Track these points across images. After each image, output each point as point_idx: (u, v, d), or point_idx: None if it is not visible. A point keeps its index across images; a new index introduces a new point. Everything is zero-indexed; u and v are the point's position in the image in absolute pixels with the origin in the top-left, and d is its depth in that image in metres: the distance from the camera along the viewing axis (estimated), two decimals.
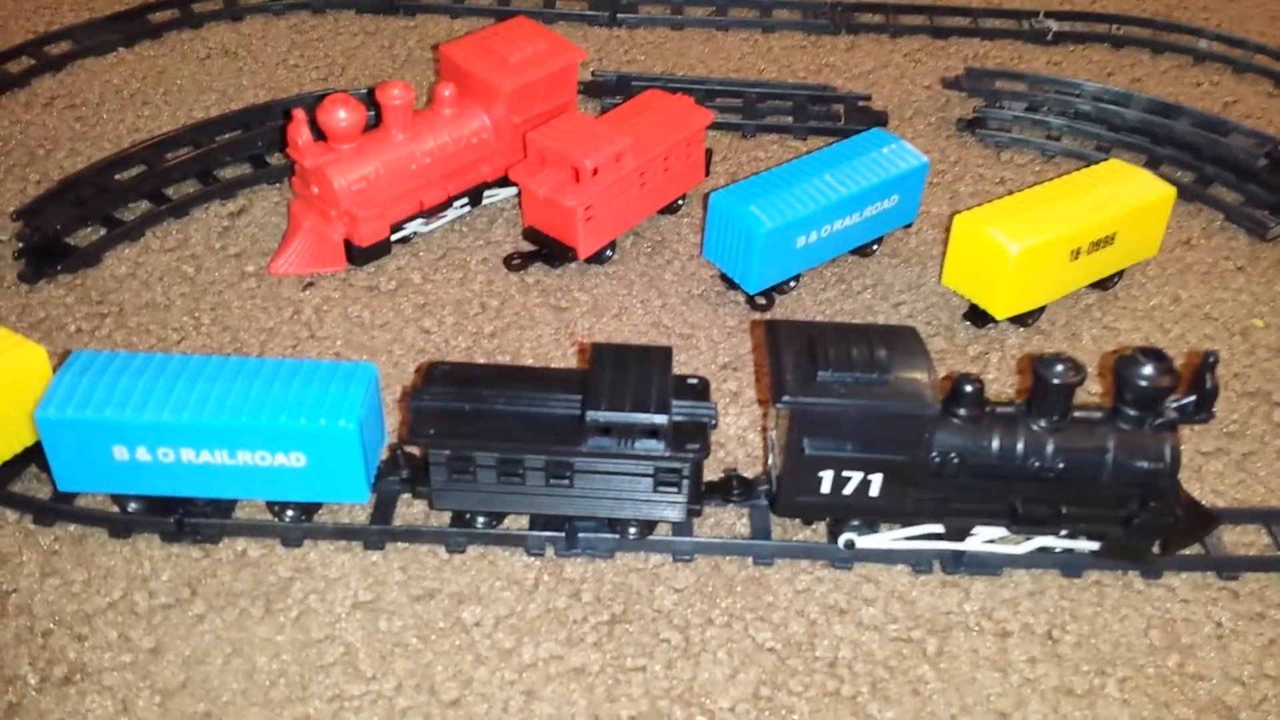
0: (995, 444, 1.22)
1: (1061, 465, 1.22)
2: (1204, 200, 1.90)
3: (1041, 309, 1.65)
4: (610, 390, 1.23)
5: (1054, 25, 2.32)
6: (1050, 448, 1.22)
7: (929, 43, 2.30)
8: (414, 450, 1.33)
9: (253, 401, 1.23)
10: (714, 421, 1.26)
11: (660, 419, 1.21)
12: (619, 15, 2.31)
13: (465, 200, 1.78)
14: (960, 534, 1.28)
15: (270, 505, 1.31)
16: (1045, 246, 1.55)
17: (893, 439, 1.21)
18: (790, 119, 2.04)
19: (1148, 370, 1.20)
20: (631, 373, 1.25)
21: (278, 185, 1.85)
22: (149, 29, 2.21)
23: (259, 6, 2.29)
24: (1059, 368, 1.20)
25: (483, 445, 1.23)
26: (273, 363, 1.28)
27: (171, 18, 2.25)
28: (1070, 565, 1.30)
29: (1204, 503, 1.35)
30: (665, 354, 1.28)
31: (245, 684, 1.18)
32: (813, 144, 1.99)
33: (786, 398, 1.19)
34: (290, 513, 1.31)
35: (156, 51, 2.18)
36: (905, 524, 1.29)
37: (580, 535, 1.31)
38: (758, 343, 1.60)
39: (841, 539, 1.30)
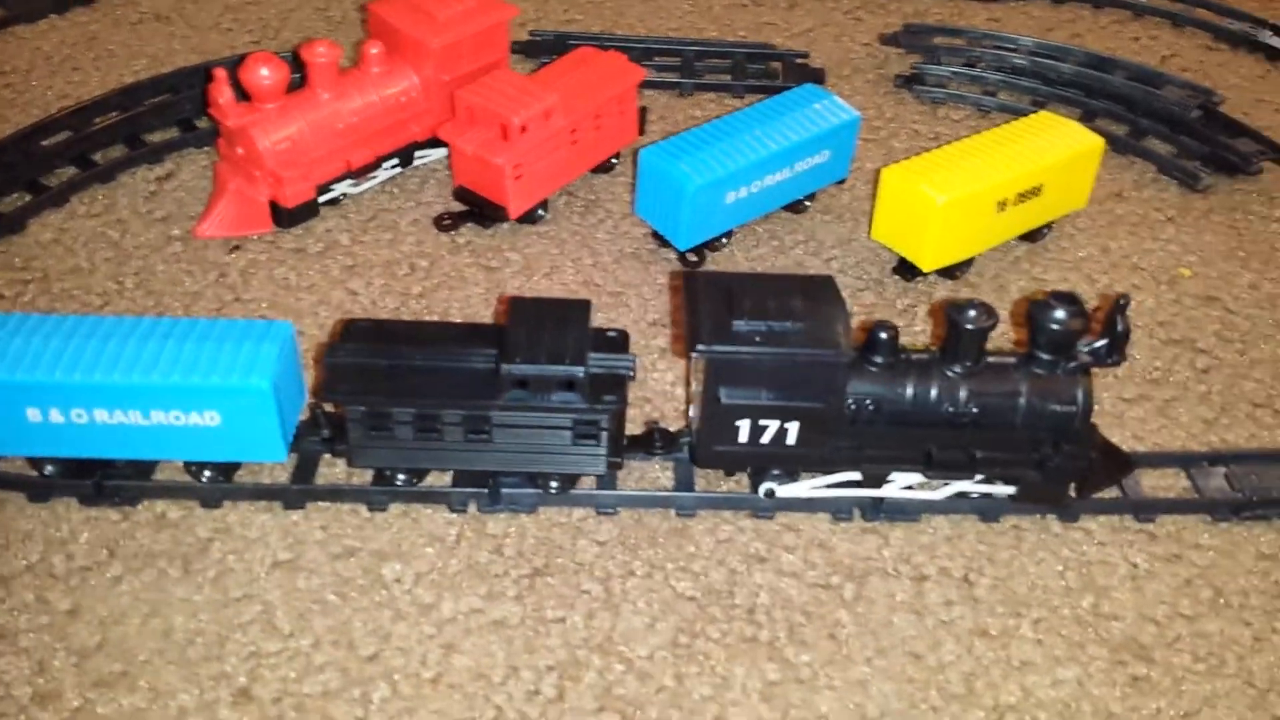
0: (909, 391, 1.22)
1: (975, 410, 1.23)
2: (1137, 153, 1.91)
3: (970, 261, 1.65)
4: (526, 343, 1.22)
5: None
6: (964, 393, 1.22)
7: (869, 0, 2.29)
8: (334, 409, 1.33)
9: (165, 360, 1.22)
10: (632, 373, 1.26)
11: (576, 371, 1.21)
12: None
13: (395, 161, 1.77)
14: (877, 481, 1.29)
15: (188, 466, 1.31)
16: (971, 197, 1.56)
17: (807, 387, 1.21)
18: (728, 77, 2.03)
19: (1059, 314, 1.20)
20: (548, 326, 1.24)
21: (206, 149, 1.84)
22: None
23: None
24: (971, 313, 1.21)
25: (399, 401, 1.23)
26: (187, 322, 1.27)
27: None
28: (988, 510, 1.31)
29: (1123, 448, 1.36)
30: (583, 306, 1.28)
31: (162, 643, 1.18)
32: (750, 102, 1.98)
33: (701, 346, 1.19)
34: (208, 473, 1.30)
35: (89, 17, 2.15)
36: (825, 472, 1.30)
37: (503, 491, 1.31)
38: (680, 301, 1.60)
39: (762, 488, 1.30)
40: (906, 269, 1.64)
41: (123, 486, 1.30)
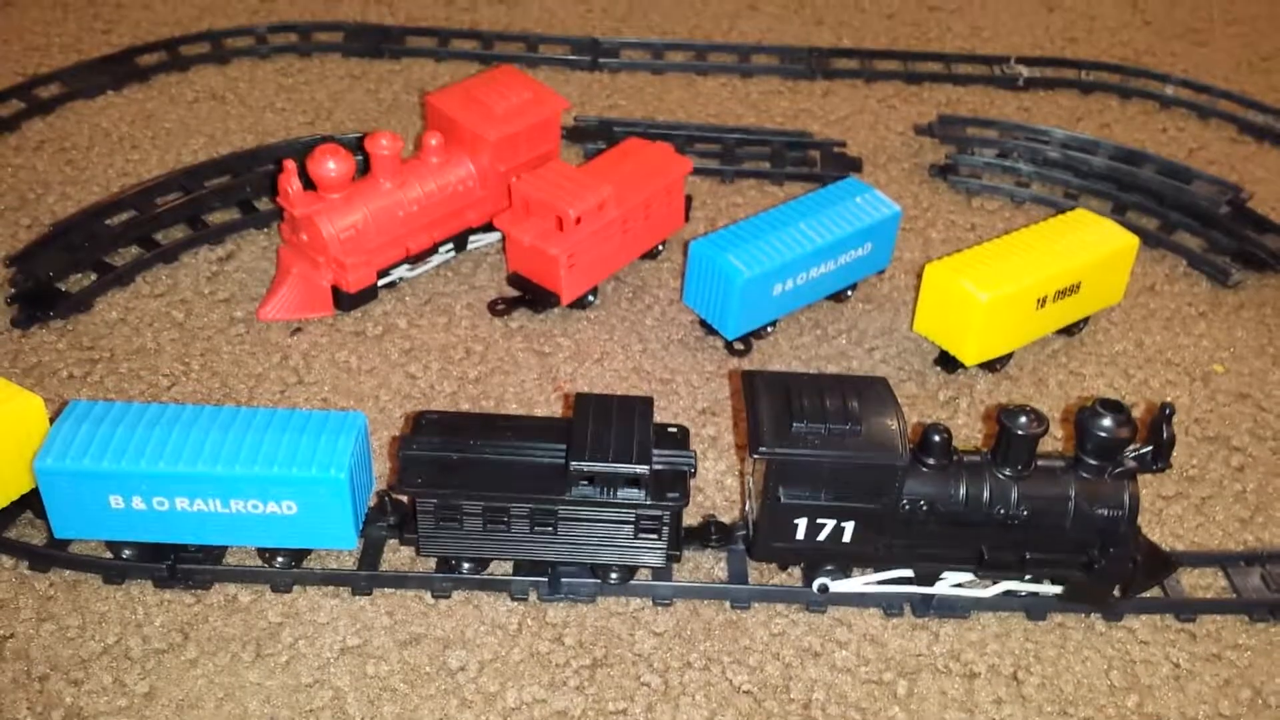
0: (962, 492, 1.27)
1: (1025, 513, 1.27)
2: (1168, 246, 1.96)
3: (1009, 355, 1.70)
4: (593, 440, 1.27)
5: (1024, 71, 2.39)
6: (1014, 496, 1.27)
7: (903, 88, 2.36)
8: (400, 497, 1.37)
9: (245, 451, 1.27)
10: (693, 470, 1.30)
11: (642, 469, 1.25)
12: (600, 60, 2.37)
13: (450, 246, 1.82)
14: (929, 578, 1.33)
15: (261, 552, 1.35)
16: (1013, 296, 1.61)
17: (864, 488, 1.25)
18: (768, 164, 2.09)
19: (1107, 422, 1.25)
20: (614, 422, 1.29)
21: (265, 230, 1.89)
22: (137, 72, 2.25)
23: (246, 50, 2.34)
24: (1023, 419, 1.25)
25: (470, 494, 1.27)
26: (265, 412, 1.32)
27: (159, 61, 2.29)
28: (1035, 608, 1.35)
29: (1163, 547, 1.40)
30: (646, 404, 1.33)
31: None
32: (789, 189, 2.04)
33: (763, 448, 1.24)
34: (280, 559, 1.35)
35: (145, 95, 2.22)
36: (877, 568, 1.34)
37: (563, 580, 1.35)
38: (736, 389, 1.65)
39: (816, 583, 1.34)
40: (948, 361, 1.69)
41: (195, 570, 1.34)
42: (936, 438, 1.27)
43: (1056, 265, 1.65)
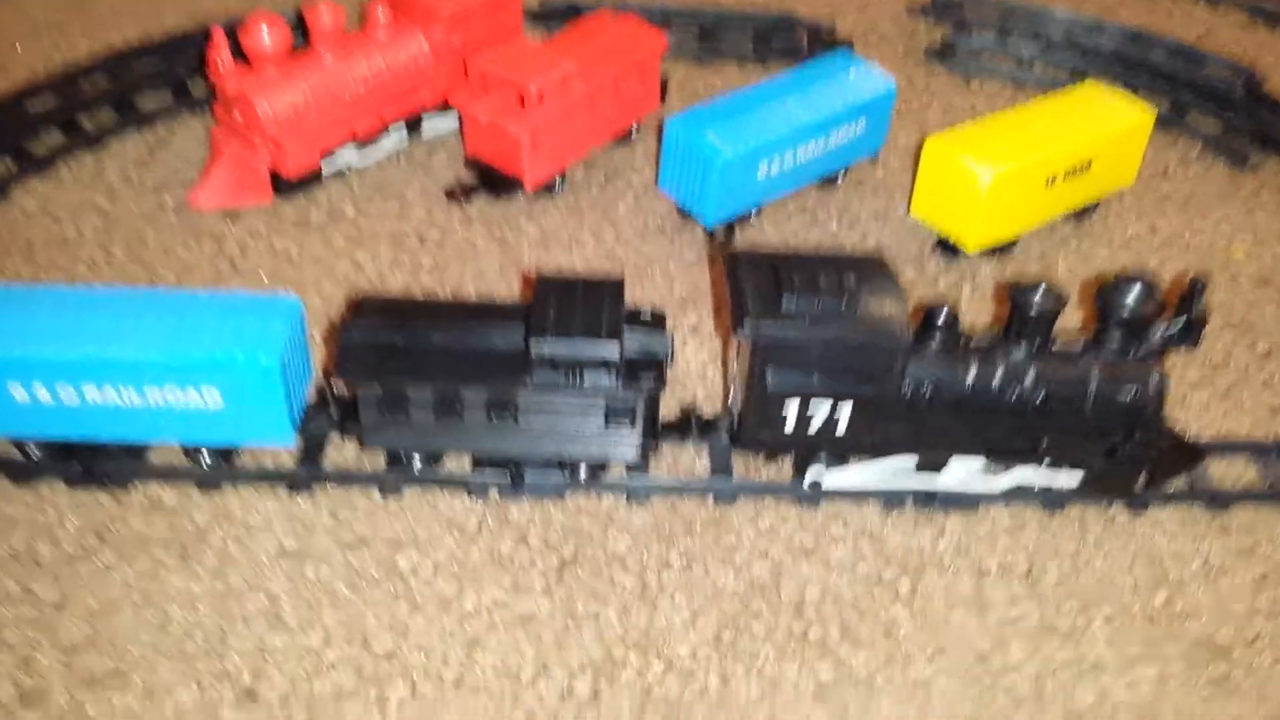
0: (971, 375, 1.13)
1: (1042, 397, 1.13)
2: (1180, 129, 1.82)
3: (1015, 242, 1.56)
4: (556, 320, 1.12)
5: None
6: (1029, 378, 1.13)
7: None
8: (344, 389, 1.23)
9: (164, 335, 1.12)
10: (669, 354, 1.16)
11: (611, 350, 1.11)
12: None
13: (403, 130, 1.67)
14: (935, 465, 1.20)
15: (187, 449, 1.20)
16: (1021, 173, 1.47)
17: (862, 371, 1.11)
18: (750, 47, 1.94)
19: (1134, 296, 1.11)
20: (580, 304, 1.15)
21: (202, 114, 1.73)
22: None
23: None
24: (1038, 295, 1.11)
25: (416, 381, 1.13)
26: (188, 294, 1.17)
27: None
28: (1051, 500, 1.22)
29: (1189, 436, 1.28)
30: (617, 285, 1.18)
31: (157, 637, 1.07)
32: (775, 72, 1.89)
33: (748, 326, 1.09)
34: (208, 456, 1.20)
35: None
36: (876, 456, 1.21)
37: (527, 476, 1.22)
38: (718, 277, 1.51)
39: (807, 478, 1.21)
40: (948, 247, 1.55)
41: (113, 469, 1.20)
42: (942, 316, 1.13)
43: (1067, 141, 1.51)
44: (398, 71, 1.61)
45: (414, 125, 1.68)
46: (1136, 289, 1.12)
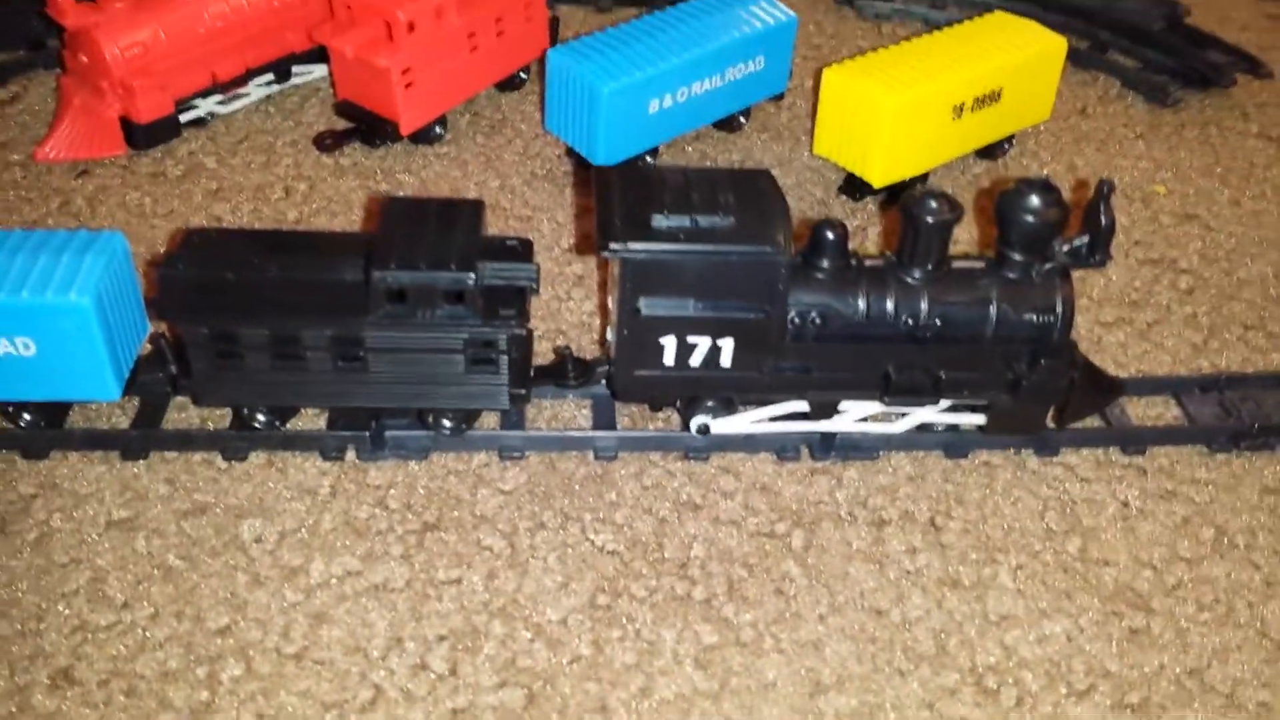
0: (862, 299, 1.03)
1: (938, 321, 1.04)
2: (1099, 67, 1.74)
3: (924, 178, 1.47)
4: (403, 247, 1.01)
5: None
6: (925, 302, 1.04)
7: None
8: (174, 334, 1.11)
9: None
10: (534, 285, 1.05)
11: (465, 278, 1.00)
12: None
13: (270, 77, 1.55)
14: (827, 411, 1.10)
15: (3, 408, 1.08)
16: (925, 99, 1.38)
17: (743, 292, 1.01)
18: None
19: (1033, 202, 1.02)
20: (431, 230, 1.04)
21: (58, 70, 1.60)
22: None
23: None
24: (932, 204, 1.02)
25: (250, 320, 1.01)
26: None
27: None
28: (955, 445, 1.13)
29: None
30: (474, 208, 1.08)
31: None
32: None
33: (615, 244, 0.99)
34: (28, 416, 1.08)
35: None
36: (766, 403, 1.11)
37: (387, 434, 1.11)
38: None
39: (694, 423, 1.11)
40: (854, 187, 1.46)
41: None
42: (830, 234, 1.03)
43: (974, 67, 1.42)
44: (259, 8, 1.49)
45: (285, 73, 1.56)
46: (1037, 193, 1.03)
